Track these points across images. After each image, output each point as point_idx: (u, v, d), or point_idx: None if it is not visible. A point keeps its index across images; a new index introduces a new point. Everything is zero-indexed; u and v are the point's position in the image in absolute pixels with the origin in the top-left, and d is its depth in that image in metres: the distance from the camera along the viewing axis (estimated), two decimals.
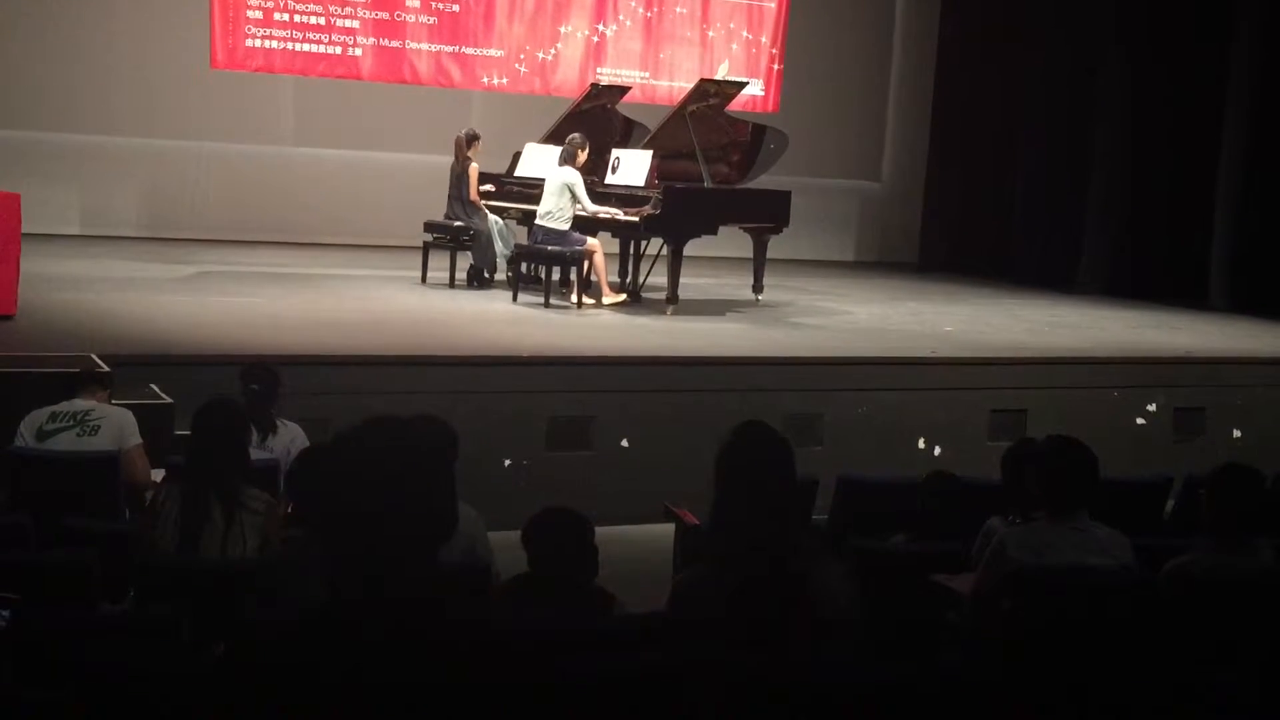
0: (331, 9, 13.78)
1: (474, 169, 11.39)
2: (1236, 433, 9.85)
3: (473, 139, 11.48)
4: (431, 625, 2.13)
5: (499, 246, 11.46)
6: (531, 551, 4.21)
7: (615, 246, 11.58)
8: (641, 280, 11.35)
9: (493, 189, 11.56)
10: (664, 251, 10.91)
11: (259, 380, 5.97)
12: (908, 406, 9.05)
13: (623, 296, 11.01)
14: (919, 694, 3.40)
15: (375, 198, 13.87)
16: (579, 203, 10.65)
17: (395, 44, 14.07)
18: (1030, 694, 3.44)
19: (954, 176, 16.13)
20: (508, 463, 7.89)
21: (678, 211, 10.60)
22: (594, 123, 11.84)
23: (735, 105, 11.98)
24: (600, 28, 14.99)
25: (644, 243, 11.37)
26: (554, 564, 4.16)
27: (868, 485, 6.20)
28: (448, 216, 11.48)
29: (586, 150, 10.88)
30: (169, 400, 6.97)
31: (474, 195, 11.37)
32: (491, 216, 11.43)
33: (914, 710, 3.37)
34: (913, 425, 9.02)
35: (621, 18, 15.07)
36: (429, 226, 11.53)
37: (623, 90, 12.59)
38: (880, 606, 4.19)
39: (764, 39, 15.80)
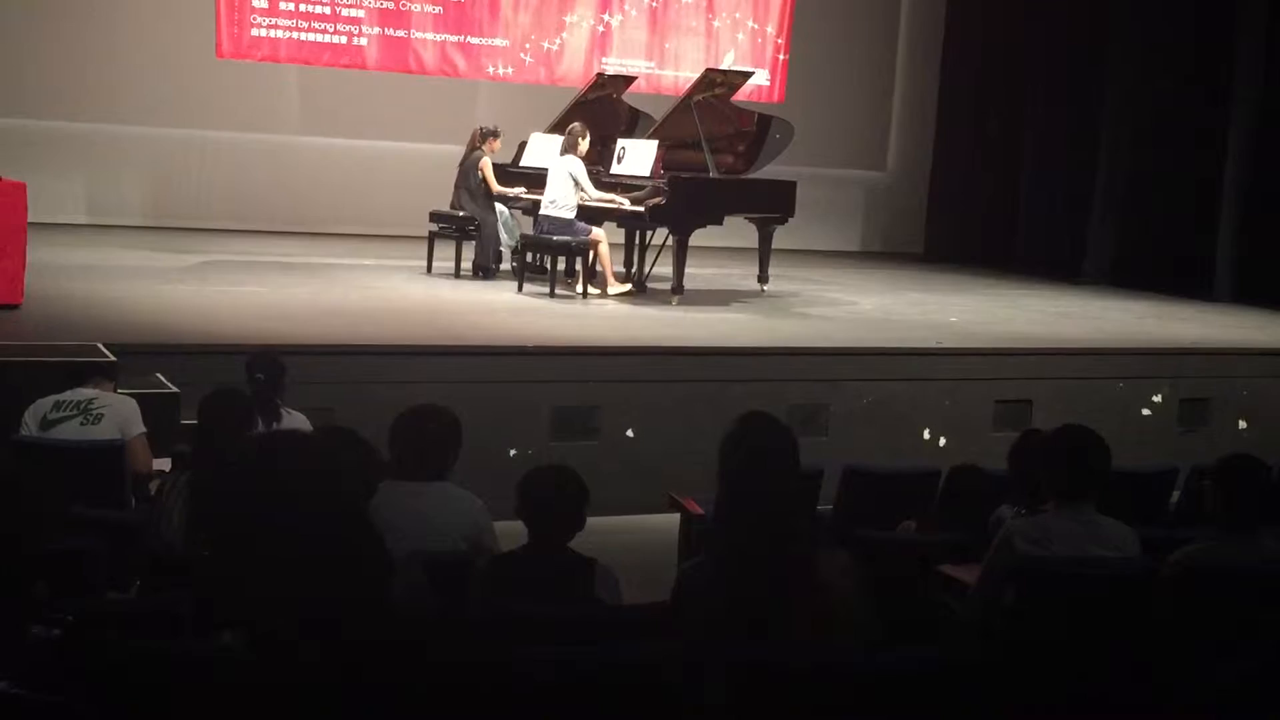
0: None
1: (485, 163, 11.38)
2: (1242, 424, 9.85)
3: (488, 135, 11.48)
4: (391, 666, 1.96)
5: (504, 237, 11.46)
6: (524, 496, 4.20)
7: (620, 237, 11.59)
8: (647, 270, 11.35)
9: (523, 189, 11.48)
10: (669, 242, 10.90)
11: (264, 369, 5.97)
12: (913, 397, 9.05)
13: (628, 286, 11.01)
14: (922, 684, 3.40)
15: (380, 187, 13.87)
16: (583, 191, 10.66)
17: (400, 33, 14.07)
18: (1034, 685, 3.44)
19: (959, 167, 16.12)
20: (513, 453, 7.90)
21: (683, 202, 10.60)
22: (599, 113, 11.83)
23: (741, 95, 11.97)
24: (605, 17, 14.98)
25: (649, 233, 11.37)
26: (543, 511, 4.16)
27: (873, 475, 6.20)
28: (453, 206, 11.48)
29: (588, 139, 10.87)
30: (175, 389, 6.99)
31: (496, 190, 11.35)
32: (498, 207, 11.43)
33: (917, 701, 3.37)
34: (918, 416, 9.02)
35: (627, 7, 15.05)
36: (434, 216, 11.53)
37: (628, 80, 12.58)
38: (885, 597, 4.19)
39: (770, 29, 15.78)
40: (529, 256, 11.36)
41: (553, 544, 4.16)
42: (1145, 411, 9.63)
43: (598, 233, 10.72)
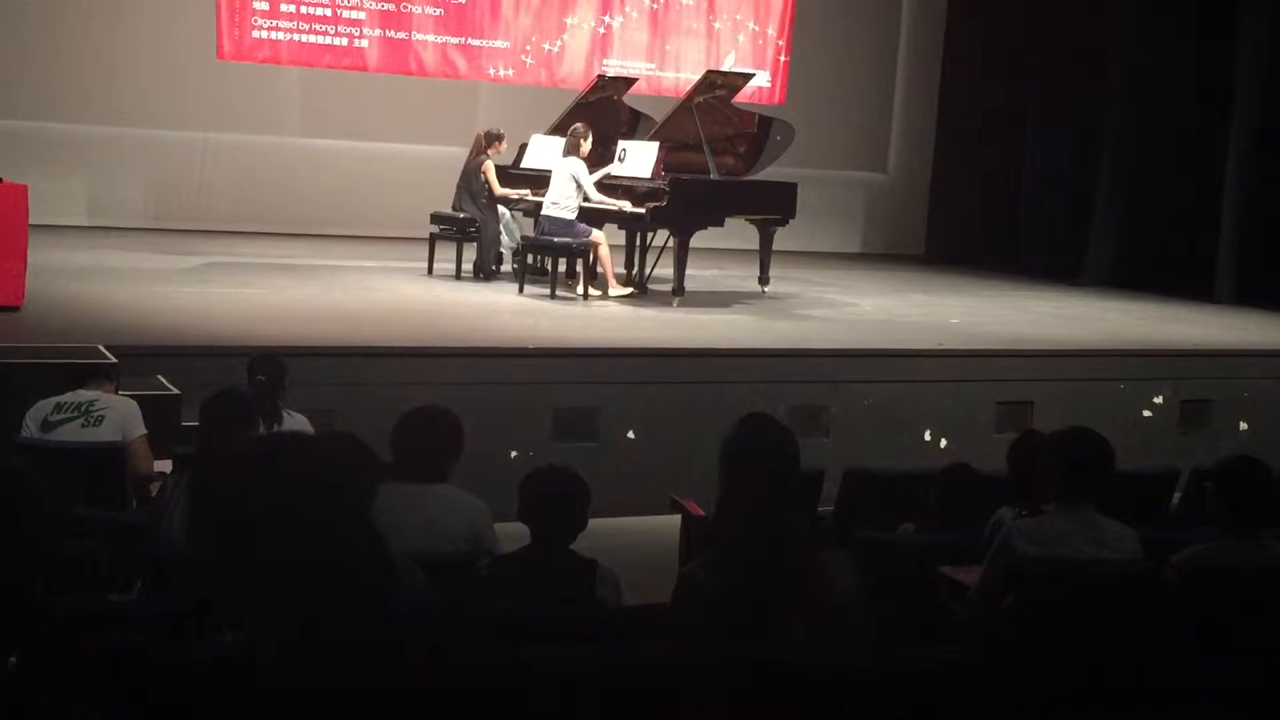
0: (338, 0, 13.78)
1: (488, 166, 11.38)
2: (1243, 425, 9.84)
3: (494, 139, 11.48)
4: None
5: (505, 239, 11.47)
6: (525, 497, 4.21)
7: (621, 238, 11.59)
8: (648, 272, 11.36)
9: (527, 191, 11.46)
10: (670, 243, 10.91)
11: (265, 371, 5.97)
12: (914, 398, 9.05)
13: (629, 289, 11.01)
14: (922, 685, 3.40)
15: (381, 189, 13.87)
16: (584, 191, 10.66)
17: (401, 35, 14.07)
18: (1034, 686, 3.44)
19: (960, 168, 16.11)
20: (514, 454, 7.90)
21: (684, 203, 10.60)
22: (600, 114, 11.83)
23: (742, 97, 11.97)
24: (606, 19, 14.98)
25: (650, 234, 11.38)
26: (544, 512, 4.16)
27: (874, 477, 6.19)
28: (455, 208, 11.48)
29: (589, 140, 10.87)
30: (176, 391, 6.99)
31: (499, 192, 11.34)
32: (500, 208, 11.43)
33: (917, 701, 3.37)
34: (919, 417, 9.02)
35: (627, 9, 15.05)
36: (435, 218, 11.53)
37: (629, 81, 12.59)
38: (885, 598, 4.20)
39: (770, 30, 15.78)
40: (530, 258, 11.36)
41: (554, 545, 4.16)
42: (1146, 413, 9.63)
43: (598, 234, 10.72)
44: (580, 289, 10.80)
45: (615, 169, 11.07)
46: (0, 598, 1.79)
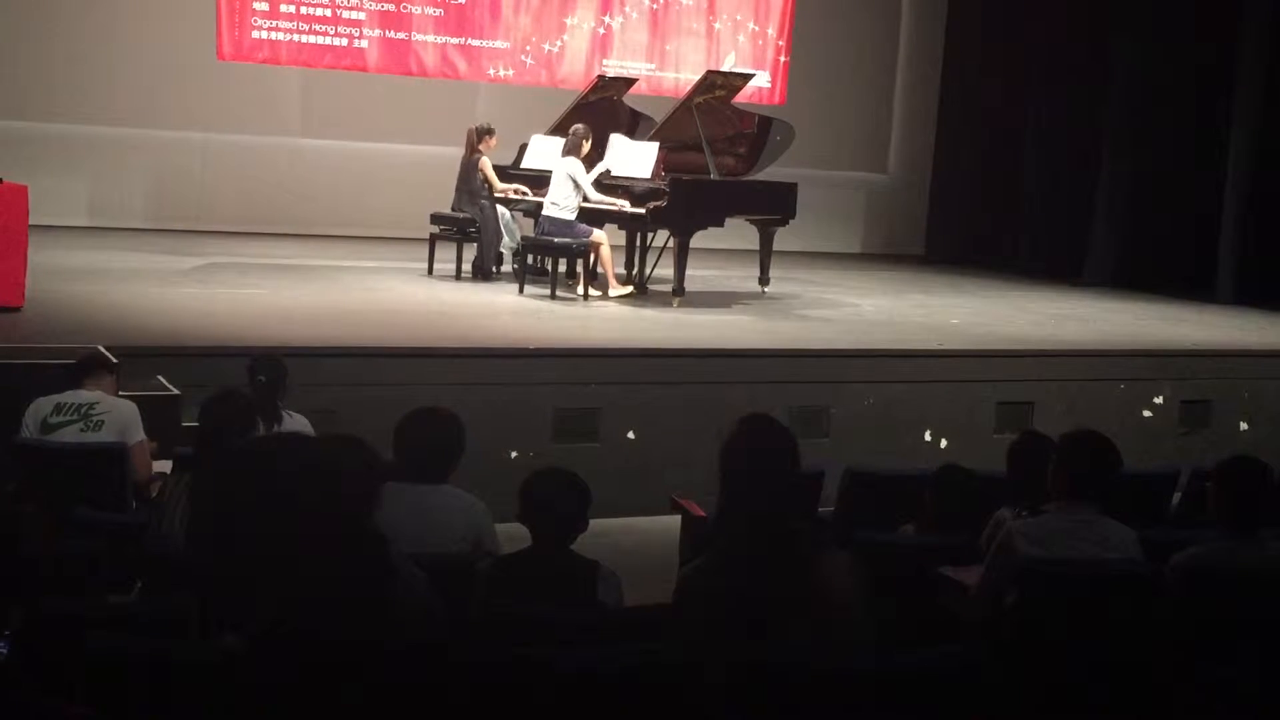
0: (338, 1, 13.78)
1: (485, 163, 11.37)
2: (1243, 425, 9.84)
3: (484, 133, 11.46)
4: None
5: (505, 239, 11.46)
6: (526, 500, 4.21)
7: (622, 239, 11.59)
8: (648, 272, 11.36)
9: (526, 189, 11.44)
10: (670, 243, 10.91)
11: (266, 372, 5.97)
12: (914, 399, 9.05)
13: (629, 289, 11.01)
14: (923, 685, 3.40)
15: (381, 190, 13.88)
16: (583, 192, 10.66)
17: (401, 36, 14.07)
18: (1035, 687, 3.44)
19: (961, 168, 16.12)
20: (514, 454, 7.90)
21: (684, 203, 10.60)
22: (601, 114, 11.83)
23: (742, 97, 11.97)
24: (606, 19, 14.98)
25: (650, 234, 11.37)
26: (545, 514, 4.16)
27: (874, 477, 6.19)
28: (454, 208, 11.48)
29: (589, 141, 10.87)
30: (176, 391, 6.99)
31: (498, 188, 11.33)
32: (499, 209, 11.43)
33: (918, 702, 3.37)
34: (919, 417, 9.02)
35: (627, 9, 15.06)
36: (435, 218, 11.53)
37: (629, 82, 12.58)
38: (885, 598, 4.19)
39: (770, 31, 15.78)
40: (530, 258, 11.35)
41: (555, 546, 4.16)
42: (1146, 413, 9.63)
43: (598, 234, 10.72)
44: (580, 289, 10.80)
45: (612, 167, 11.06)
46: None
